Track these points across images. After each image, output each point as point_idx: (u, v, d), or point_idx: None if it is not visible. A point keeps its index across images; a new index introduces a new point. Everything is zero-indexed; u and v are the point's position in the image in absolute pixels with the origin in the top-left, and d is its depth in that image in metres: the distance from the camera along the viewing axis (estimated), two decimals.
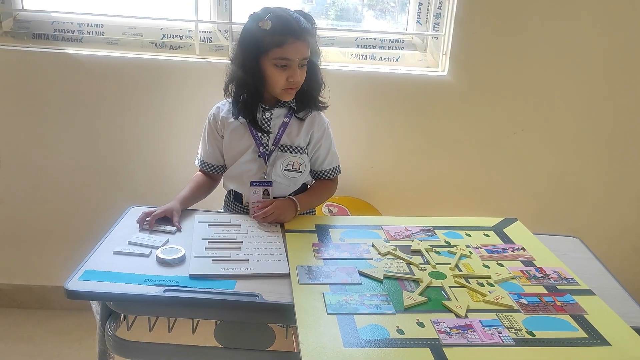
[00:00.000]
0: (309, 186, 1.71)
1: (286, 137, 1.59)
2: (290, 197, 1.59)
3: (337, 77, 2.06)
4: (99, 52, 2.05)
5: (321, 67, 1.60)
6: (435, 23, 2.11)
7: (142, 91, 2.07)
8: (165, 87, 2.05)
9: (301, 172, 1.61)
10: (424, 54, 2.16)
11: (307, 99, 1.59)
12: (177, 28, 2.10)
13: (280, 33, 1.44)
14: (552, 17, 2.00)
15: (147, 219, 1.47)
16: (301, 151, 1.61)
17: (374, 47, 2.16)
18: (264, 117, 1.58)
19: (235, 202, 1.67)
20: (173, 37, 2.10)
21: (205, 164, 1.67)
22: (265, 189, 1.58)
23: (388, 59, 2.15)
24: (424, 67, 2.14)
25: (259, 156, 1.59)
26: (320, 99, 1.62)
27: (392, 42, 2.16)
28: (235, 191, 1.66)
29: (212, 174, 1.68)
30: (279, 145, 1.59)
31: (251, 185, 1.58)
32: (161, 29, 2.09)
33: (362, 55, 2.15)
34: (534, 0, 1.98)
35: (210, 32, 2.09)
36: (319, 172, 1.69)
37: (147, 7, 2.12)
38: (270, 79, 1.50)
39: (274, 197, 1.60)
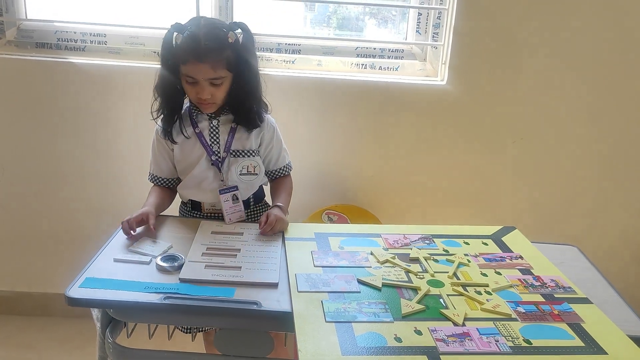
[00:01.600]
0: (263, 187, 1.73)
1: (237, 142, 1.60)
2: (276, 204, 1.61)
3: (337, 86, 2.09)
4: (102, 61, 2.07)
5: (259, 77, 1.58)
6: (434, 33, 2.13)
7: (145, 100, 2.07)
8: None
9: (257, 174, 1.63)
10: (424, 63, 2.18)
11: (243, 116, 1.58)
12: None
13: (185, 51, 1.44)
14: (550, 27, 2.02)
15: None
16: (253, 154, 1.62)
17: (374, 57, 2.17)
18: (212, 125, 1.59)
19: (194, 211, 1.66)
20: None
21: (160, 179, 1.66)
22: (234, 194, 1.59)
23: (388, 68, 2.17)
24: (423, 76, 2.16)
25: (212, 164, 1.59)
26: (257, 114, 1.59)
27: (392, 51, 2.18)
28: (192, 200, 1.66)
29: (168, 187, 1.67)
30: (231, 151, 1.60)
31: (220, 194, 1.58)
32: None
33: (362, 64, 2.16)
34: (532, 10, 2.00)
35: None
36: (275, 171, 1.70)
37: (149, 16, 2.14)
38: (185, 91, 1.53)
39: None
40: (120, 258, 1.35)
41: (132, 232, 1.45)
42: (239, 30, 1.50)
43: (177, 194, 1.69)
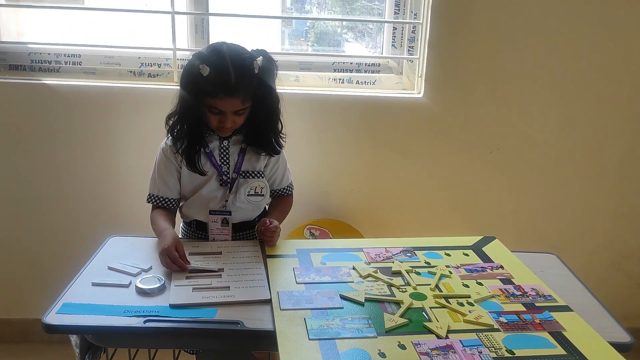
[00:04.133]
0: (266, 206, 1.72)
1: (247, 163, 1.59)
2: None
3: (315, 101, 2.09)
4: (77, 82, 2.05)
5: (280, 107, 1.57)
6: (409, 47, 2.15)
7: (121, 120, 2.07)
8: (145, 115, 2.05)
9: (263, 195, 1.62)
10: (400, 76, 2.20)
11: (259, 141, 1.58)
12: (155, 56, 2.11)
13: (213, 84, 1.42)
14: (524, 37, 2.06)
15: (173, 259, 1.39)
16: (262, 175, 1.62)
17: (351, 71, 2.19)
18: (222, 145, 1.58)
19: (198, 231, 1.64)
20: (151, 66, 2.11)
21: (166, 200, 1.60)
22: (225, 218, 1.58)
23: (365, 82, 2.18)
24: (400, 89, 2.18)
25: (221, 184, 1.58)
26: (275, 141, 1.59)
27: (369, 65, 2.20)
28: (197, 220, 1.63)
29: (171, 208, 1.62)
30: (241, 172, 1.59)
31: (210, 214, 1.57)
32: (139, 57, 2.10)
33: (340, 79, 2.18)
34: (505, 23, 2.04)
35: (188, 60, 2.10)
36: (278, 191, 1.70)
37: (125, 36, 2.13)
38: (205, 118, 1.50)
39: (234, 223, 1.60)
40: (99, 282, 1.33)
41: (182, 267, 1.38)
42: (260, 58, 1.49)
43: (178, 214, 1.67)
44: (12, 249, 2.19)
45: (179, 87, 1.52)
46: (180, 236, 1.67)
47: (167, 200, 1.60)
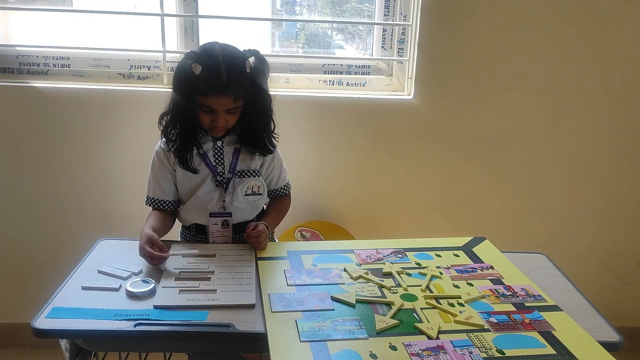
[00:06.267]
0: (264, 206, 1.72)
1: (241, 162, 1.59)
2: (261, 222, 1.59)
3: (305, 103, 2.10)
4: (66, 84, 2.04)
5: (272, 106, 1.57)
6: (399, 48, 2.16)
7: (111, 123, 2.06)
8: (134, 118, 2.04)
9: (261, 194, 1.62)
10: (390, 78, 2.20)
11: (252, 141, 1.58)
12: (144, 58, 2.11)
13: (205, 83, 1.42)
14: (513, 39, 2.07)
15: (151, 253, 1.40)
16: (258, 174, 1.61)
17: (341, 73, 2.19)
18: (216, 145, 1.58)
19: (198, 235, 1.64)
20: (141, 68, 2.10)
21: (162, 203, 1.60)
22: (225, 220, 1.58)
23: (355, 84, 2.19)
24: (390, 91, 2.19)
25: (217, 185, 1.58)
26: (268, 140, 1.60)
27: (359, 67, 2.20)
28: (197, 224, 1.63)
29: (169, 210, 1.62)
30: (236, 172, 1.59)
31: (210, 216, 1.57)
32: (128, 59, 2.10)
33: (330, 81, 2.18)
34: (493, 24, 2.05)
35: (178, 62, 2.10)
36: (274, 191, 1.70)
37: (114, 38, 2.12)
38: (198, 117, 1.50)
39: (234, 224, 1.60)
40: (89, 286, 1.32)
41: (160, 257, 1.40)
42: (253, 58, 1.49)
43: (177, 218, 1.66)
44: (0, 253, 2.18)
45: (171, 87, 1.52)
46: (179, 239, 1.68)
47: (163, 202, 1.61)
